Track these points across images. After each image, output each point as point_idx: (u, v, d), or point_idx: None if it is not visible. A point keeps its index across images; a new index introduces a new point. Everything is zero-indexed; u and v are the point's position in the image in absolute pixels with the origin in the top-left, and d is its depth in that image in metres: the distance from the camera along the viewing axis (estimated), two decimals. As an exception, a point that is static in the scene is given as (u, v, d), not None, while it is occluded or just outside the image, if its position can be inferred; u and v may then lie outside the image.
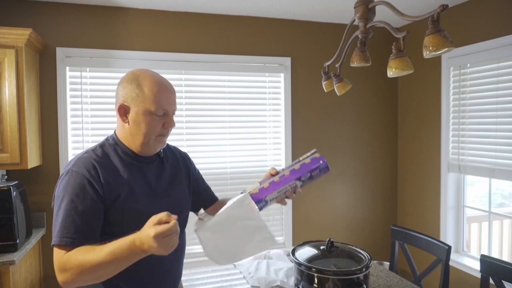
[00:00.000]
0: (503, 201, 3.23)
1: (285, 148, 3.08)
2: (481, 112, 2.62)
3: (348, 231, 3.31)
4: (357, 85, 3.25)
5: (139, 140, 1.20)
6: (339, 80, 1.65)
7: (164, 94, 1.19)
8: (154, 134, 1.20)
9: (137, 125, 1.18)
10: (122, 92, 1.19)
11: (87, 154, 1.19)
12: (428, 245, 2.05)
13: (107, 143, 1.26)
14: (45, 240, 2.61)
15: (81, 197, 1.11)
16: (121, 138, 1.25)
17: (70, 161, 1.21)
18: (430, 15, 1.10)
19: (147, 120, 1.17)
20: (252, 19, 2.99)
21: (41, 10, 2.55)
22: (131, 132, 1.21)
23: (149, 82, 1.18)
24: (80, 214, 1.10)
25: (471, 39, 2.63)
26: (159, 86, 1.18)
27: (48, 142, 2.60)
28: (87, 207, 1.11)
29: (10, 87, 2.20)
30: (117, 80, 2.78)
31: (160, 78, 1.21)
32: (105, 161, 1.19)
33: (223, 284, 1.78)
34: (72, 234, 1.08)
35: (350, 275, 1.38)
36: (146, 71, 1.21)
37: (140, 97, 1.16)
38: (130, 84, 1.18)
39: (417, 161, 3.19)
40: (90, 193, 1.12)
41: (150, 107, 1.16)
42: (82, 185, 1.12)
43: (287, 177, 1.24)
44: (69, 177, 1.14)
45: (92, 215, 1.12)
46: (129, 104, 1.18)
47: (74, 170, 1.14)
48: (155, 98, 1.17)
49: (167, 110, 1.20)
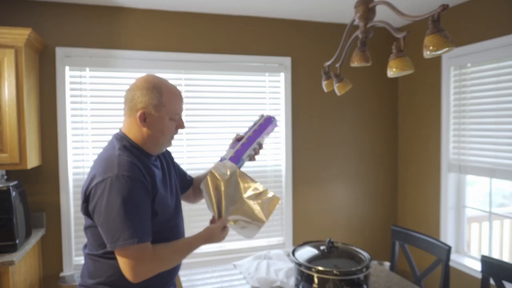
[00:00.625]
0: (504, 201, 3.22)
1: (285, 148, 3.08)
2: (481, 112, 2.62)
3: (348, 231, 3.31)
4: (357, 85, 3.24)
5: (156, 141, 1.32)
6: (339, 80, 1.65)
7: (179, 101, 1.34)
8: (169, 137, 1.35)
9: (157, 130, 1.30)
10: (142, 98, 1.28)
11: (122, 157, 1.24)
12: (428, 246, 2.05)
13: (125, 145, 1.31)
14: (45, 240, 2.61)
15: (141, 196, 1.21)
16: (135, 139, 1.33)
17: (102, 168, 1.22)
18: (431, 15, 1.10)
19: (167, 125, 1.31)
20: (252, 19, 2.99)
21: (41, 10, 2.55)
22: (149, 135, 1.31)
23: (168, 91, 1.30)
24: (147, 214, 1.23)
25: (471, 39, 2.63)
26: (175, 94, 1.32)
27: (47, 142, 2.60)
28: (146, 206, 1.23)
29: (10, 87, 2.20)
30: (117, 80, 2.80)
31: (173, 86, 1.34)
32: (138, 161, 1.28)
33: (223, 285, 1.77)
34: (142, 233, 1.19)
35: (350, 275, 1.38)
36: (161, 79, 1.33)
37: (161, 105, 1.28)
38: (151, 93, 1.28)
39: (417, 161, 3.19)
40: (146, 192, 1.24)
41: (171, 114, 1.30)
42: (137, 185, 1.20)
43: (252, 137, 1.58)
44: (122, 181, 1.18)
45: (149, 213, 1.25)
46: (150, 111, 1.28)
47: (125, 174, 1.19)
48: (174, 106, 1.31)
49: (179, 114, 1.36)
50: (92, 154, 2.68)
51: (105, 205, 1.17)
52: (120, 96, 2.73)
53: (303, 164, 3.15)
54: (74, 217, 2.66)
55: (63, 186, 2.61)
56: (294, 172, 3.12)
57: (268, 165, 3.08)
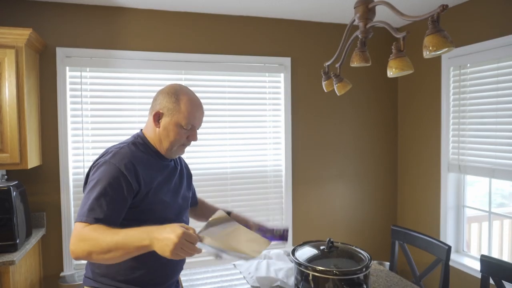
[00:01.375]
0: (503, 201, 3.23)
1: (285, 148, 3.09)
2: (481, 112, 2.62)
3: (348, 231, 3.31)
4: (357, 85, 3.25)
5: (165, 145, 1.38)
6: (339, 80, 1.65)
7: (196, 113, 1.37)
8: (178, 143, 1.38)
9: (166, 132, 1.36)
10: (161, 101, 1.36)
11: (123, 149, 1.31)
12: (428, 245, 2.05)
13: (137, 141, 1.39)
14: (45, 240, 2.61)
15: (114, 187, 1.22)
16: (150, 139, 1.40)
17: (106, 153, 1.32)
18: (430, 15, 1.10)
19: (175, 131, 1.35)
20: (252, 19, 2.99)
21: (41, 10, 2.55)
22: (159, 136, 1.37)
23: (186, 100, 1.35)
24: (109, 201, 1.20)
25: (471, 39, 2.63)
26: (193, 105, 1.37)
27: (48, 142, 2.60)
28: (116, 197, 1.23)
29: (10, 87, 2.20)
30: (117, 80, 2.81)
31: (195, 98, 1.40)
32: (140, 156, 1.33)
33: (223, 284, 1.78)
34: (97, 216, 1.17)
35: (350, 275, 1.38)
36: (185, 88, 1.40)
37: (175, 110, 1.34)
38: (170, 97, 1.35)
39: (417, 161, 3.19)
40: (123, 186, 1.24)
41: (182, 121, 1.34)
42: (117, 177, 1.23)
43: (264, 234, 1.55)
44: (106, 167, 1.25)
45: (119, 205, 1.23)
46: (164, 113, 1.35)
47: (112, 162, 1.26)
48: (188, 114, 1.34)
49: (194, 126, 1.39)
50: (92, 154, 2.68)
51: (89, 182, 1.26)
52: (120, 96, 2.74)
53: (303, 164, 3.15)
54: (74, 217, 2.66)
55: (64, 186, 2.61)
56: (294, 172, 3.12)
57: (268, 165, 3.08)
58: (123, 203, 1.25)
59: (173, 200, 1.42)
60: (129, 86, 2.75)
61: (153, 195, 1.33)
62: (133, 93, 2.76)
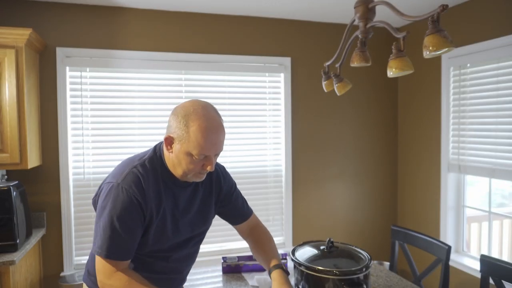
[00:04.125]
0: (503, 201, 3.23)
1: (285, 148, 3.08)
2: (481, 112, 2.62)
3: (348, 231, 3.31)
4: (357, 85, 3.25)
5: (179, 171, 1.23)
6: (339, 80, 1.65)
7: (208, 143, 1.17)
8: (193, 172, 1.22)
9: (178, 160, 1.21)
10: (172, 123, 1.20)
11: (136, 169, 1.21)
12: (428, 245, 2.05)
13: (155, 158, 1.27)
14: (45, 240, 2.61)
15: (131, 216, 1.17)
16: (166, 161, 1.26)
17: (117, 171, 1.24)
18: (430, 15, 1.10)
19: (187, 160, 1.19)
20: (252, 19, 2.99)
21: (41, 10, 2.55)
22: (173, 161, 1.23)
23: (196, 126, 1.15)
24: (126, 232, 1.16)
25: (471, 39, 2.63)
26: (205, 133, 1.16)
27: (48, 142, 2.60)
28: (134, 227, 1.18)
29: (10, 87, 2.20)
30: (117, 80, 2.81)
31: (210, 123, 1.17)
32: (152, 181, 1.22)
33: (223, 284, 1.78)
34: (116, 251, 1.16)
35: (350, 275, 1.38)
36: (198, 110, 1.18)
37: (185, 138, 1.16)
38: (179, 121, 1.17)
39: (417, 161, 3.19)
40: (138, 214, 1.18)
41: (192, 150, 1.17)
42: (131, 204, 1.16)
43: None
44: (119, 192, 1.17)
45: (136, 235, 1.20)
46: (175, 138, 1.19)
47: (124, 187, 1.17)
48: (198, 144, 1.15)
49: (209, 156, 1.20)
50: (92, 154, 2.68)
51: (100, 206, 1.20)
52: (120, 96, 2.74)
53: (303, 164, 3.15)
54: (75, 217, 2.66)
55: (64, 186, 2.61)
56: (294, 172, 3.12)
57: (268, 165, 3.08)
58: (139, 233, 1.20)
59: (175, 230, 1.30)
60: (129, 86, 2.75)
61: (156, 227, 1.24)
62: (133, 93, 2.76)
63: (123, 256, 1.18)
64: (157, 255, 1.30)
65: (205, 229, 1.42)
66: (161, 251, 1.30)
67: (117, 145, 2.73)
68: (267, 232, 1.54)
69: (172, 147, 1.20)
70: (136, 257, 1.27)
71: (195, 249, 1.43)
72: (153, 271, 1.31)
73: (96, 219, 1.21)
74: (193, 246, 1.40)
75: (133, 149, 2.70)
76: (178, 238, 1.32)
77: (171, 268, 1.36)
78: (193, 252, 1.42)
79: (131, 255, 1.21)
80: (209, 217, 1.42)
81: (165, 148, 1.23)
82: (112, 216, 1.15)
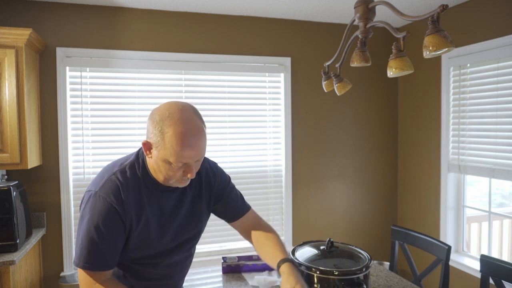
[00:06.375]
0: (503, 201, 3.23)
1: (285, 148, 3.09)
2: (481, 112, 2.62)
3: (348, 231, 3.31)
4: (357, 85, 3.25)
5: (160, 177, 1.18)
6: (339, 80, 1.65)
7: (186, 150, 1.09)
8: (173, 179, 1.16)
9: (157, 166, 1.15)
10: (149, 128, 1.13)
11: (115, 176, 1.16)
12: (428, 245, 2.05)
13: (136, 164, 1.21)
14: (45, 240, 2.61)
15: (108, 225, 1.12)
16: (148, 166, 1.21)
17: (97, 178, 1.19)
18: (430, 15, 1.10)
19: (166, 167, 1.13)
20: (252, 19, 2.99)
21: (41, 10, 2.55)
22: (153, 167, 1.18)
23: (172, 133, 1.07)
24: (106, 242, 1.13)
25: (471, 39, 2.63)
26: (182, 139, 1.08)
27: (48, 142, 2.60)
28: (113, 236, 1.14)
29: (10, 87, 2.20)
30: (117, 80, 2.81)
31: (186, 129, 1.09)
32: (131, 188, 1.17)
33: (223, 284, 1.77)
34: (94, 261, 1.13)
35: (350, 275, 1.38)
36: (174, 114, 1.09)
37: (160, 145, 1.09)
38: (155, 128, 1.10)
39: (417, 161, 3.19)
40: (117, 223, 1.14)
41: (169, 158, 1.10)
42: (109, 214, 1.12)
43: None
44: (96, 201, 1.13)
45: (116, 244, 1.16)
46: (152, 143, 1.12)
47: (101, 195, 1.13)
48: (175, 152, 1.08)
49: (184, 163, 1.13)
50: (92, 154, 2.68)
51: (80, 215, 1.17)
52: (120, 96, 2.74)
53: (303, 164, 3.15)
54: (75, 217, 2.66)
55: (64, 186, 2.61)
56: (294, 172, 3.12)
57: (268, 165, 3.08)
58: (120, 242, 1.17)
59: (163, 233, 1.24)
60: (129, 86, 2.75)
61: (138, 235, 1.20)
62: (133, 93, 2.76)
63: (102, 266, 1.14)
64: (145, 261, 1.26)
65: (197, 232, 1.36)
66: (149, 258, 1.26)
67: (117, 145, 2.73)
68: (270, 228, 1.46)
69: (151, 152, 1.14)
70: (124, 264, 1.24)
71: (188, 253, 1.37)
72: (142, 278, 1.28)
73: (77, 229, 1.18)
74: (186, 251, 1.35)
75: (133, 149, 2.70)
76: (166, 244, 1.27)
77: (161, 274, 1.31)
78: (186, 256, 1.37)
79: (113, 265, 1.17)
80: (200, 220, 1.35)
81: (145, 153, 1.17)
82: (90, 226, 1.12)
